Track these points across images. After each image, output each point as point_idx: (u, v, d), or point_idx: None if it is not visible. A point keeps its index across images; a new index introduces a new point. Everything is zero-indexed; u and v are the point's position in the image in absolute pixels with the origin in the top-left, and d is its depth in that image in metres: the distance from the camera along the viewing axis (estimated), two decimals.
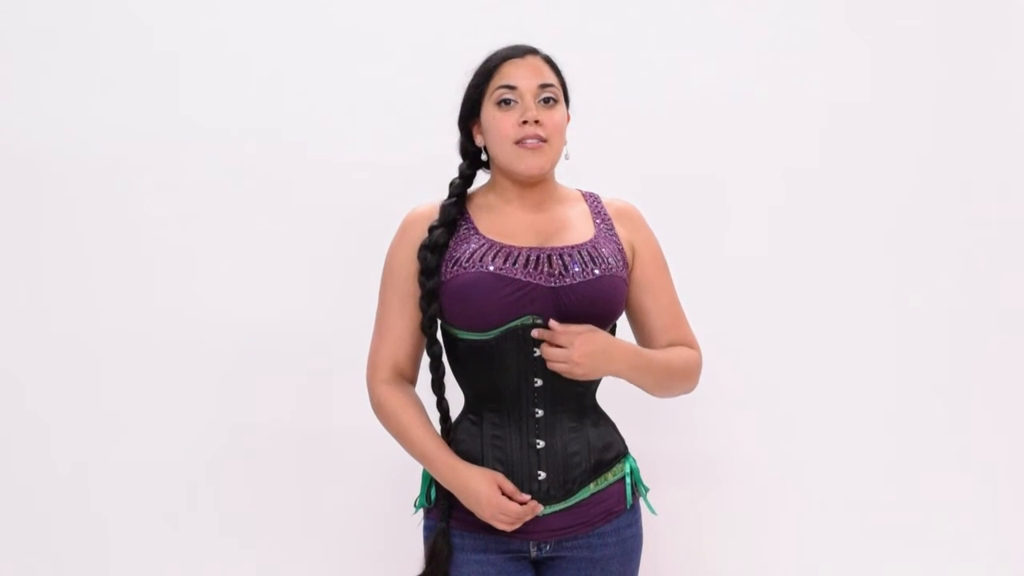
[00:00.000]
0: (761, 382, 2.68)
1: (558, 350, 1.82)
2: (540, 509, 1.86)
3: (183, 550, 2.63)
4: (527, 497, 1.85)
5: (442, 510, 1.92)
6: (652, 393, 1.98)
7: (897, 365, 2.71)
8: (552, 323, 1.83)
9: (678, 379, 1.97)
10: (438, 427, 1.96)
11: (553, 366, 1.83)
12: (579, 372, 1.83)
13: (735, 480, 2.68)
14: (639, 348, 1.93)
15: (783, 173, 2.68)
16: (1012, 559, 2.73)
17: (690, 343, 2.00)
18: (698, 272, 2.40)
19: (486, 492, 1.83)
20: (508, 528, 1.85)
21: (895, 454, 2.70)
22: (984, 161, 2.72)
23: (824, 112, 2.69)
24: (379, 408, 1.96)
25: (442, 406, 1.95)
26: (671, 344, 1.98)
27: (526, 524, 1.87)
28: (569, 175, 2.04)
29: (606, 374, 1.88)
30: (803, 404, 2.69)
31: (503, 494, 1.84)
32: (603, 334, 1.86)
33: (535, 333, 1.84)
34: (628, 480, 1.96)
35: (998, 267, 2.72)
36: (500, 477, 1.86)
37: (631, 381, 1.92)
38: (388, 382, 1.95)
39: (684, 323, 2.01)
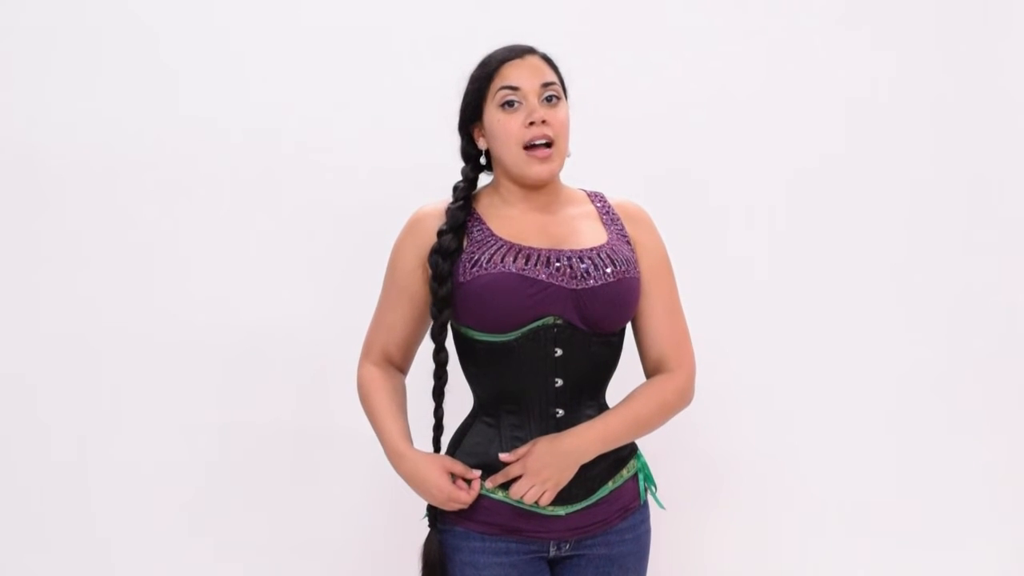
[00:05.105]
0: (761, 382, 2.69)
1: (524, 485, 1.84)
2: (479, 487, 1.86)
3: (182, 549, 2.63)
4: (477, 473, 1.87)
5: (439, 512, 1.92)
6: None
7: (897, 366, 2.72)
8: (502, 457, 1.85)
9: (654, 422, 1.93)
10: (431, 433, 1.95)
11: (529, 500, 1.84)
12: (550, 490, 1.83)
13: (736, 480, 2.70)
14: (597, 423, 1.87)
15: (782, 175, 2.70)
16: (1012, 559, 2.73)
17: (679, 360, 1.94)
18: (700, 273, 2.41)
19: (435, 481, 1.85)
20: (455, 509, 1.86)
21: (895, 454, 2.71)
22: (986, 163, 2.74)
23: (826, 114, 2.70)
24: (359, 386, 1.98)
25: (438, 414, 1.95)
26: (659, 356, 1.95)
27: (547, 524, 1.88)
28: (571, 176, 2.03)
29: (576, 467, 1.85)
30: (804, 404, 2.70)
31: (455, 477, 1.86)
32: (546, 442, 1.84)
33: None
34: (641, 476, 1.97)
35: (998, 267, 2.73)
36: (447, 461, 1.88)
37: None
38: (376, 364, 1.98)
39: (680, 335, 1.95)
